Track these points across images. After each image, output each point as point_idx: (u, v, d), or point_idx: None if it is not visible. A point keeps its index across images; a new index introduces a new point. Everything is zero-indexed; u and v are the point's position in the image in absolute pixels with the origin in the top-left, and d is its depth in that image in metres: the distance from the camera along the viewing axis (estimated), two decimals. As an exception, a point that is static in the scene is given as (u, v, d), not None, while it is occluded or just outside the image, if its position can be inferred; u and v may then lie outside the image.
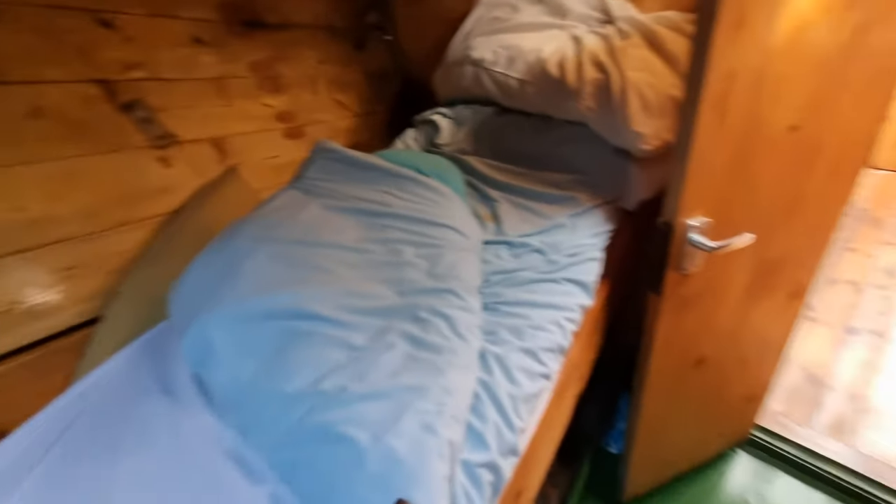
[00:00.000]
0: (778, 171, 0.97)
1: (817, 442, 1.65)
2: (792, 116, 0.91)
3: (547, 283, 0.92)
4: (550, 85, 1.22)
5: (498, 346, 0.80)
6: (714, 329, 1.22)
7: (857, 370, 1.88)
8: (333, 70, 1.88)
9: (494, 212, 1.14)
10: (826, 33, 0.84)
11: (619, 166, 1.17)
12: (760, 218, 1.02)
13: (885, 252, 2.42)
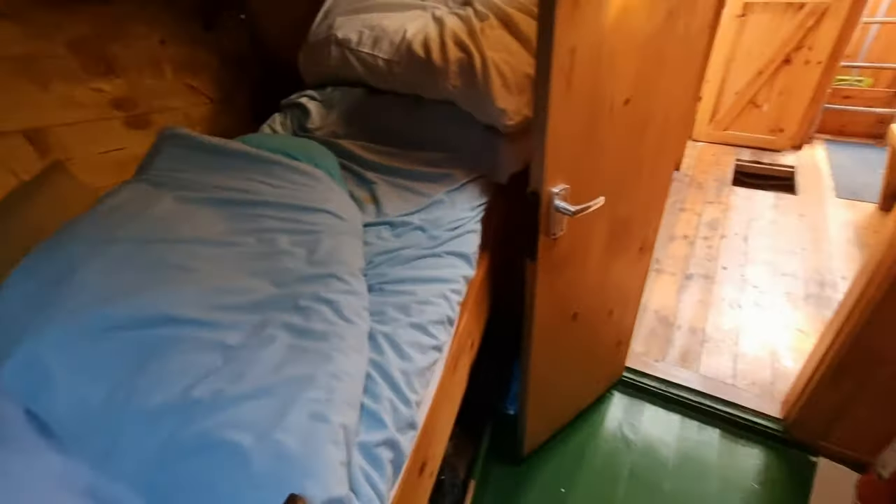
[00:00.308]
0: (619, 139, 1.11)
1: (671, 373, 1.95)
2: (626, 90, 1.04)
3: (430, 259, 0.94)
4: (417, 65, 1.23)
5: (387, 324, 0.80)
6: (583, 285, 1.36)
7: (695, 308, 2.25)
8: (180, 51, 1.68)
9: (373, 194, 1.13)
10: (645, 16, 0.97)
11: (489, 142, 1.23)
12: (609, 182, 1.16)
13: (707, 209, 2.93)
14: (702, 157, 3.44)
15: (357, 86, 1.43)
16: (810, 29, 2.83)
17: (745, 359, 1.98)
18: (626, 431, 1.80)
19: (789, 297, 2.25)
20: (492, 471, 1.72)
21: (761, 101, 3.20)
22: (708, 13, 1.09)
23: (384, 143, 1.29)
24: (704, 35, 1.13)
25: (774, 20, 2.92)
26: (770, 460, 1.65)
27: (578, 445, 1.76)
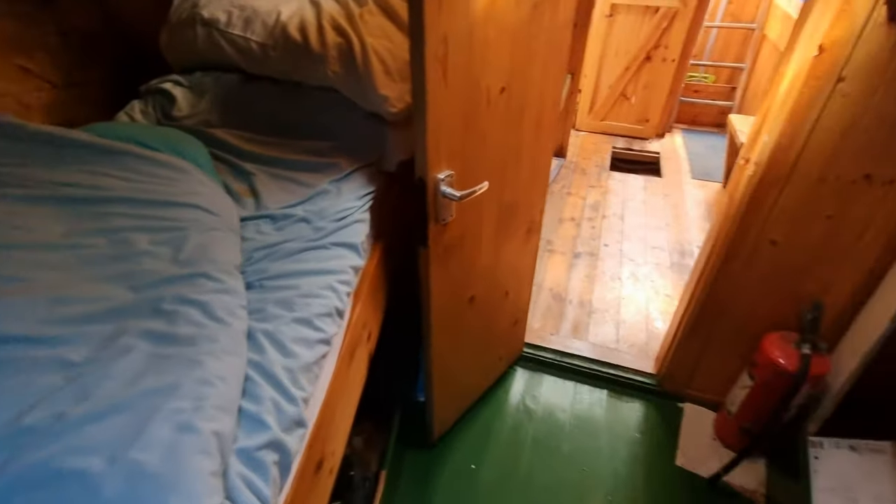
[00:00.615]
0: (498, 126, 1.16)
1: (565, 344, 2.12)
2: (501, 79, 1.09)
3: (315, 251, 0.90)
4: (294, 49, 1.17)
5: (268, 322, 0.76)
6: (477, 269, 1.41)
7: (583, 283, 2.47)
8: (9, 27, 1.42)
9: (252, 186, 1.05)
10: (513, 8, 1.02)
11: (376, 130, 1.22)
12: (493, 167, 1.21)
13: (591, 193, 3.21)
14: (584, 145, 3.75)
15: (231, 71, 1.33)
16: (665, 30, 3.21)
17: (626, 325, 2.22)
18: (528, 403, 1.92)
19: (658, 267, 2.56)
20: (405, 459, 1.74)
21: (630, 94, 3.57)
22: (569, 9, 1.18)
23: (263, 132, 1.22)
24: (568, 29, 1.22)
25: (636, 21, 3.26)
26: (648, 411, 1.87)
27: (485, 422, 1.84)
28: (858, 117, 1.12)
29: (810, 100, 1.13)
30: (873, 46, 1.04)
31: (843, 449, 1.39)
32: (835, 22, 1.04)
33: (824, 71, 1.09)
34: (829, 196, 1.24)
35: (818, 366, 1.34)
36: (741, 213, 1.35)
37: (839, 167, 1.20)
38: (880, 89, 1.08)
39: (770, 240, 1.37)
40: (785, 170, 1.24)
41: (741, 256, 1.43)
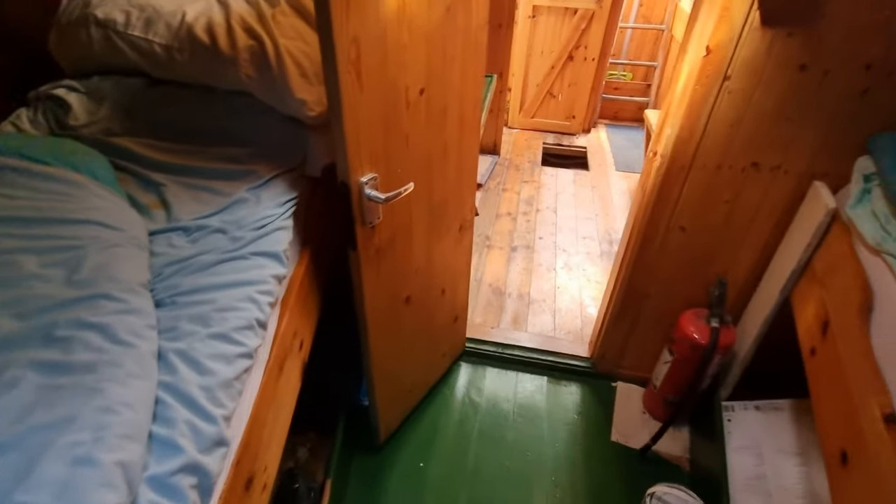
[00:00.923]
0: (421, 128, 1.17)
1: (506, 336, 2.18)
2: (420, 81, 1.10)
3: (233, 262, 0.87)
4: (203, 52, 1.11)
5: (180, 340, 0.72)
6: (411, 269, 1.42)
7: (520, 276, 2.55)
8: None
9: (162, 197, 0.99)
10: (426, 10, 1.03)
11: (296, 134, 1.19)
12: (418, 168, 1.22)
13: (524, 188, 3.31)
14: (517, 142, 3.87)
15: (133, 75, 1.24)
16: (584, 31, 3.37)
17: (561, 313, 2.32)
18: (472, 396, 1.96)
19: (589, 255, 2.70)
20: (352, 464, 1.71)
21: (556, 91, 3.72)
22: (482, 12, 1.21)
23: (174, 140, 1.15)
24: (484, 32, 1.25)
25: (557, 22, 3.40)
26: (584, 393, 1.97)
27: (432, 420, 1.86)
28: (743, 111, 1.24)
29: (703, 96, 1.24)
30: (751, 48, 1.16)
31: (750, 410, 1.54)
32: (717, 25, 1.14)
33: (713, 70, 1.20)
34: (725, 183, 1.37)
35: (726, 337, 1.48)
36: (652, 203, 1.46)
37: (732, 156, 1.32)
38: (759, 86, 1.20)
39: (679, 226, 1.49)
40: (687, 160, 1.35)
41: (655, 243, 1.54)
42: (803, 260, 1.26)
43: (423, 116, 1.16)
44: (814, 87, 1.17)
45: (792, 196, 1.34)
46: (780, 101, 1.21)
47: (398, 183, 1.13)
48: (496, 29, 2.98)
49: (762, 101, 1.22)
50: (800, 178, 1.31)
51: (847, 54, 1.12)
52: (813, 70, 1.15)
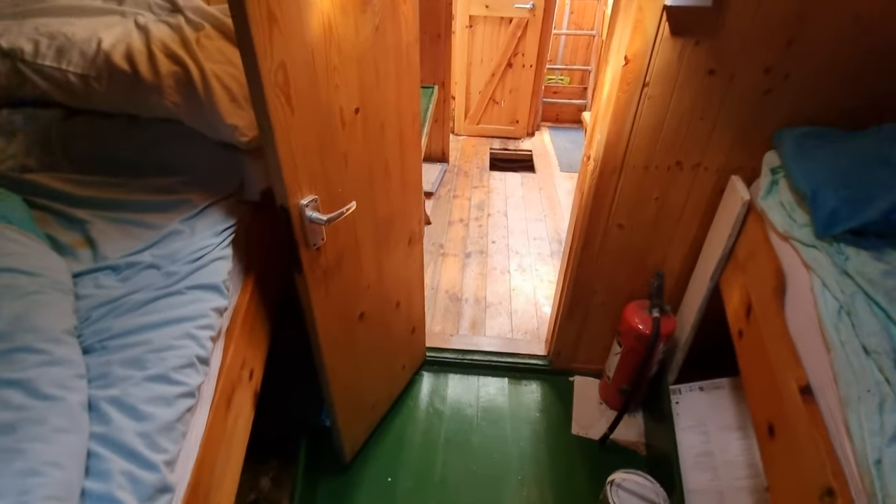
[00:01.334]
0: (360, 147, 1.18)
1: (465, 342, 2.21)
2: (354, 101, 1.11)
3: (168, 298, 0.84)
4: (123, 81, 1.07)
5: (114, 387, 0.68)
6: (362, 286, 1.42)
7: (476, 281, 2.59)
8: None
9: (87, 235, 0.94)
10: (354, 32, 1.04)
11: (231, 159, 1.16)
12: (360, 186, 1.22)
13: (475, 193, 3.37)
14: (465, 149, 3.93)
15: (48, 106, 1.17)
16: (520, 38, 3.48)
17: (518, 314, 2.38)
18: (436, 405, 1.97)
19: (541, 256, 2.78)
20: (318, 488, 1.68)
21: (499, 98, 3.82)
22: (412, 29, 1.23)
23: (98, 173, 1.09)
24: (415, 48, 1.28)
25: (494, 31, 3.50)
26: (544, 390, 2.03)
27: (398, 432, 1.85)
28: (663, 115, 1.33)
29: (626, 103, 1.32)
30: (665, 57, 1.24)
31: (694, 391, 1.64)
32: (633, 37, 1.22)
33: (633, 78, 1.28)
34: (654, 182, 1.46)
35: (666, 325, 1.57)
36: (590, 204, 1.53)
37: (657, 157, 1.41)
38: (675, 91, 1.29)
39: (617, 224, 1.57)
40: (618, 163, 1.43)
41: (596, 241, 1.62)
42: (727, 248, 1.36)
43: (360, 135, 1.16)
44: (722, 89, 1.28)
45: (713, 190, 1.45)
46: (695, 103, 1.30)
47: (340, 203, 1.13)
48: (435, 40, 3.02)
49: (679, 104, 1.31)
50: (719, 174, 1.42)
51: (747, 59, 1.22)
52: (720, 74, 1.26)
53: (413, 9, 1.22)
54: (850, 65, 1.20)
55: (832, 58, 1.19)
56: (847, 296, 0.88)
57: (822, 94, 1.24)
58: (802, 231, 1.06)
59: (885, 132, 1.14)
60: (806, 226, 1.06)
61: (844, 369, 0.79)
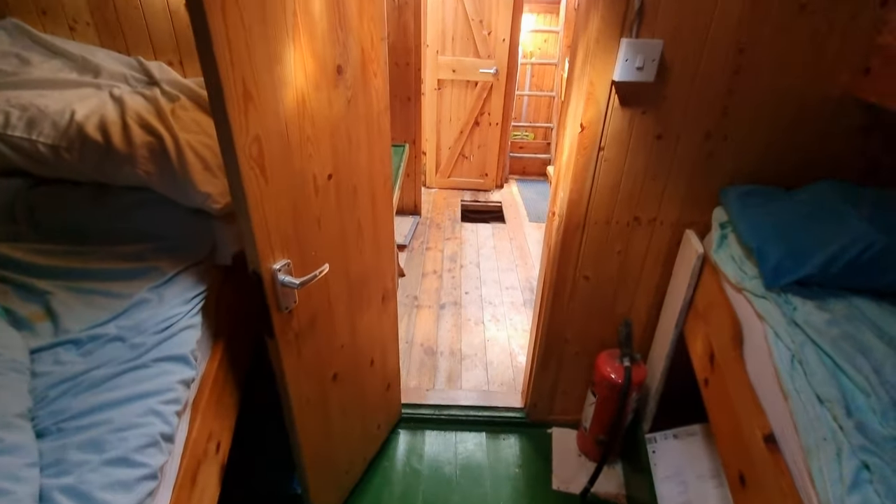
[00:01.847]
0: (332, 211, 1.21)
1: (441, 397, 2.17)
2: (327, 167, 1.15)
3: (132, 373, 0.81)
4: (95, 150, 1.08)
5: (68, 474, 0.65)
6: (335, 347, 1.40)
7: (451, 333, 2.58)
8: None
9: (48, 307, 0.91)
10: (327, 105, 1.10)
11: (202, 224, 1.17)
12: (333, 248, 1.24)
13: (447, 245, 3.43)
14: (436, 201, 4.03)
15: (14, 174, 1.16)
16: (486, 99, 3.70)
17: (493, 365, 2.37)
18: (413, 464, 1.90)
19: (514, 305, 2.82)
20: (287, 567, 1.56)
21: (468, 153, 3.99)
22: (383, 98, 1.31)
23: (64, 242, 1.08)
24: (385, 115, 1.35)
25: (461, 93, 3.71)
26: (522, 443, 1.99)
27: (374, 496, 1.77)
28: (619, 175, 1.43)
29: (584, 164, 1.42)
30: (617, 124, 1.36)
31: (669, 439, 1.65)
32: (587, 107, 1.33)
33: (589, 143, 1.38)
34: (616, 236, 1.54)
35: (637, 374, 1.60)
36: (558, 257, 1.59)
37: (617, 213, 1.50)
38: (628, 154, 1.40)
39: (584, 276, 1.63)
40: (581, 219, 1.51)
41: (565, 292, 1.67)
42: (687, 298, 1.43)
43: (333, 199, 1.20)
44: (670, 152, 1.39)
45: (670, 243, 1.54)
46: (647, 164, 1.41)
47: (313, 265, 1.14)
48: (405, 102, 3.18)
49: (633, 165, 1.41)
50: (674, 228, 1.51)
51: (690, 125, 1.35)
52: (667, 138, 1.37)
53: (384, 81, 1.30)
54: (778, 130, 1.33)
55: (762, 124, 1.33)
56: (797, 345, 0.93)
57: (759, 155, 1.37)
58: (753, 283, 1.13)
59: (817, 190, 1.26)
60: (756, 277, 1.14)
61: (802, 417, 0.83)
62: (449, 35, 3.57)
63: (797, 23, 1.20)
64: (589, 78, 1.30)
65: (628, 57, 1.23)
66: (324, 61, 1.04)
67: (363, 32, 1.14)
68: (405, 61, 3.11)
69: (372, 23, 1.16)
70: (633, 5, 1.20)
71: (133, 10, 1.30)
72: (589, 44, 1.26)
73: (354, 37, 1.12)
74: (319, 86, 1.05)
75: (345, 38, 1.08)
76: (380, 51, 1.22)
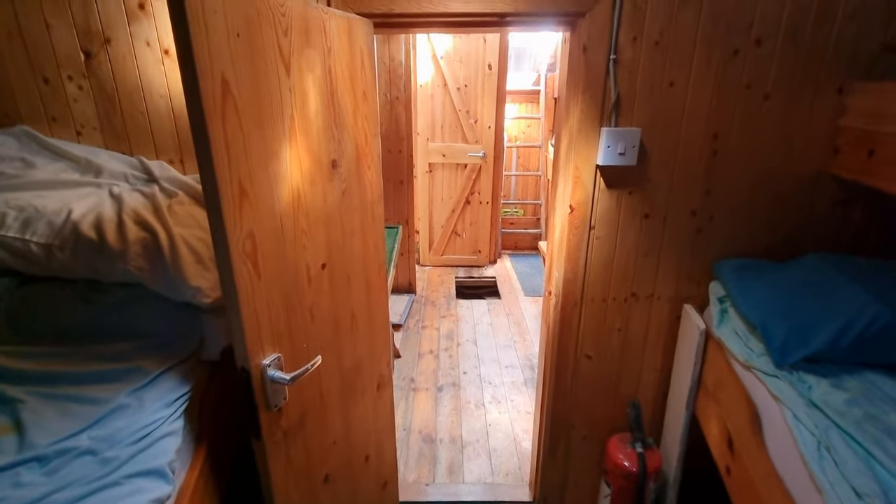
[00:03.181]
0: (326, 300, 1.19)
1: (443, 492, 2.00)
2: (320, 257, 1.15)
3: (102, 493, 0.73)
4: (88, 248, 1.08)
5: None
6: (327, 444, 1.30)
7: (450, 418, 2.44)
8: None
9: (16, 418, 0.85)
10: (322, 198, 1.12)
11: (191, 319, 1.13)
12: (325, 339, 1.20)
13: (443, 323, 3.37)
14: (431, 278, 4.03)
15: (2, 275, 1.14)
16: (475, 180, 3.86)
17: (497, 452, 2.21)
18: (412, 579, 1.69)
19: (514, 385, 2.71)
20: None
21: (460, 231, 4.07)
22: (376, 188, 1.35)
23: (46, 343, 1.03)
24: (379, 204, 1.38)
25: (452, 174, 3.87)
26: (534, 548, 1.80)
27: None
28: (612, 253, 1.44)
29: (577, 244, 1.43)
30: (605, 204, 1.39)
31: (695, 537, 1.50)
32: (574, 189, 1.38)
33: (579, 223, 1.41)
34: (614, 313, 1.52)
35: (652, 461, 1.49)
36: (557, 336, 1.55)
37: (613, 290, 1.49)
38: (619, 232, 1.42)
39: (586, 354, 1.58)
40: (577, 297, 1.50)
41: (567, 372, 1.60)
42: (694, 377, 1.37)
43: (326, 288, 1.18)
44: (659, 229, 1.42)
45: (670, 318, 1.51)
46: (638, 242, 1.43)
47: (305, 358, 1.09)
48: (399, 185, 3.30)
49: (624, 243, 1.43)
50: (672, 303, 1.50)
51: (675, 205, 1.38)
52: (654, 217, 1.40)
53: (377, 172, 1.34)
54: (761, 207, 1.37)
55: (744, 202, 1.37)
56: (821, 430, 0.88)
57: (746, 231, 1.40)
58: (761, 360, 1.10)
59: (808, 263, 1.26)
60: (763, 354, 1.10)
61: (840, 516, 0.75)
62: (438, 124, 3.80)
63: (763, 110, 1.29)
64: (574, 163, 1.35)
65: (610, 144, 1.30)
66: (319, 157, 1.07)
67: (357, 129, 1.20)
68: (398, 148, 3.27)
69: (366, 121, 1.22)
70: (609, 98, 1.29)
71: (139, 115, 1.37)
72: (571, 132, 1.33)
73: (349, 133, 1.18)
74: (314, 180, 1.07)
75: (339, 134, 1.13)
76: (373, 145, 1.27)
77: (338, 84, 1.11)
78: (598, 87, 1.28)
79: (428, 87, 3.72)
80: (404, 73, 3.16)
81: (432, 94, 3.74)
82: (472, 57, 3.65)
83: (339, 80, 1.12)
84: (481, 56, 3.64)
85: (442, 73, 3.68)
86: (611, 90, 1.28)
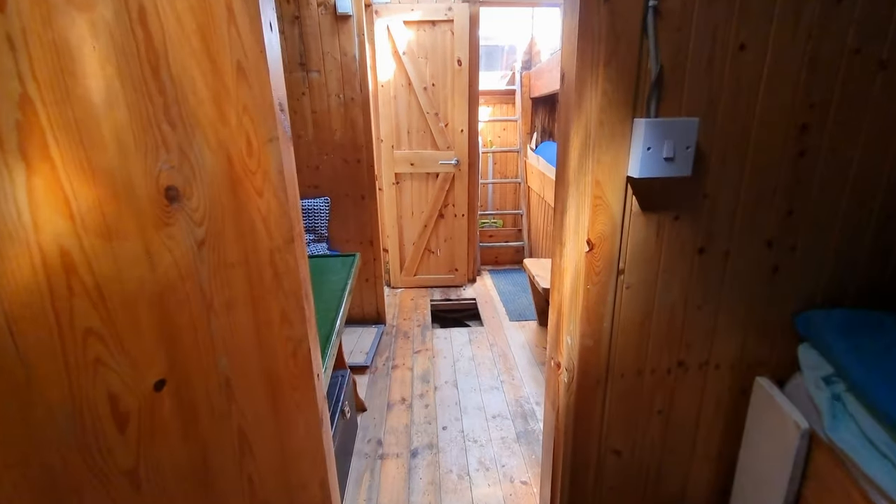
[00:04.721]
0: (173, 440, 0.67)
1: None
2: (151, 372, 0.63)
3: None
4: None
5: None
6: None
7: (427, 497, 1.93)
8: None
9: None
10: (143, 260, 0.61)
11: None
12: (185, 503, 0.68)
13: (417, 360, 2.85)
14: (403, 303, 3.51)
15: None
16: (448, 190, 3.37)
17: (488, 547, 1.71)
18: None
19: (504, 442, 2.21)
20: None
21: (434, 247, 3.57)
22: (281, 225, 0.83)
23: None
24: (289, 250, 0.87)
25: (422, 185, 3.38)
26: None
27: None
28: (649, 306, 0.97)
29: (599, 296, 0.95)
30: (639, 235, 0.92)
31: None
32: (594, 216, 0.90)
33: (602, 265, 0.93)
34: (653, 390, 1.04)
35: None
36: (572, 427, 1.06)
37: (651, 359, 1.01)
38: (659, 276, 0.95)
39: (613, 450, 1.09)
40: (601, 372, 1.01)
41: (589, 475, 1.11)
42: (790, 495, 0.90)
43: (171, 422, 0.65)
44: (719, 269, 0.95)
45: (732, 393, 1.05)
46: (686, 289, 0.96)
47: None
48: (359, 201, 2.79)
49: (667, 292, 0.96)
50: (734, 372, 1.03)
51: (743, 232, 0.92)
52: (712, 252, 0.94)
53: (278, 199, 0.83)
54: (865, 233, 0.92)
55: (841, 225, 0.92)
56: None
57: (844, 266, 0.95)
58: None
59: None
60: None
61: None
62: (404, 129, 3.31)
63: (878, 86, 0.84)
64: (593, 175, 0.87)
65: (650, 144, 0.82)
66: (129, 183, 0.56)
67: (228, 130, 0.69)
68: (356, 158, 2.76)
69: (247, 115, 0.71)
70: (646, 72, 0.82)
71: None
72: (589, 128, 0.85)
73: (208, 136, 0.66)
74: (113, 231, 0.56)
75: (181, 138, 0.62)
76: (267, 156, 0.75)
77: (172, 44, 0.60)
78: (628, 56, 0.81)
79: (390, 87, 3.23)
80: (359, 69, 2.65)
81: (395, 95, 3.25)
82: (439, 52, 3.18)
83: (175, 36, 0.60)
84: (449, 51, 3.17)
85: (406, 71, 3.20)
86: (649, 59, 0.80)
